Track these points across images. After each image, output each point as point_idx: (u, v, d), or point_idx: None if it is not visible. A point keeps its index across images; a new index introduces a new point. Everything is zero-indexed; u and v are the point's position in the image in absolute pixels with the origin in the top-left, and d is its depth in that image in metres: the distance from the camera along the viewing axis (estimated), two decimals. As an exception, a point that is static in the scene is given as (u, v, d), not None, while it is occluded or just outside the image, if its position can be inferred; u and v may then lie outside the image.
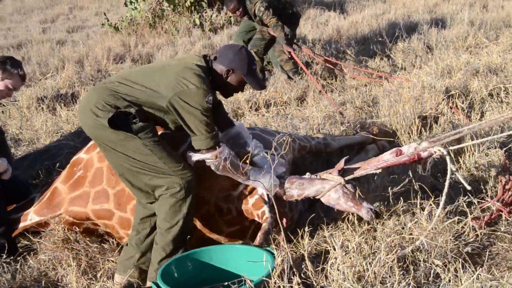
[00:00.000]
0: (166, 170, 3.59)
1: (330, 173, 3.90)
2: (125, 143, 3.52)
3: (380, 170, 3.85)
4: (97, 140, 3.63)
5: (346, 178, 3.81)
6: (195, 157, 3.68)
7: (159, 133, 3.82)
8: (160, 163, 3.58)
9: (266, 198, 3.87)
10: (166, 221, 3.63)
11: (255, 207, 3.90)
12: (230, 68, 3.77)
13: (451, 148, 3.79)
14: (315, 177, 3.96)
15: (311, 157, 5.14)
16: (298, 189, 3.89)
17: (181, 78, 3.54)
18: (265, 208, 3.83)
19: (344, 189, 3.77)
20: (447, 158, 3.68)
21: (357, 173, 3.90)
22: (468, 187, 3.72)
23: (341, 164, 3.89)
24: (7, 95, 4.65)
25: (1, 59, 4.57)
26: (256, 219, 3.89)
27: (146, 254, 3.80)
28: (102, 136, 3.55)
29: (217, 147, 3.64)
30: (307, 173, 4.02)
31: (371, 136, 5.31)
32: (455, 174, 3.78)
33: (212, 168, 3.71)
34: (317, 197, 3.88)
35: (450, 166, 3.67)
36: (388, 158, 3.89)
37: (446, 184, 3.67)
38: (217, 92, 3.96)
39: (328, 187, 3.80)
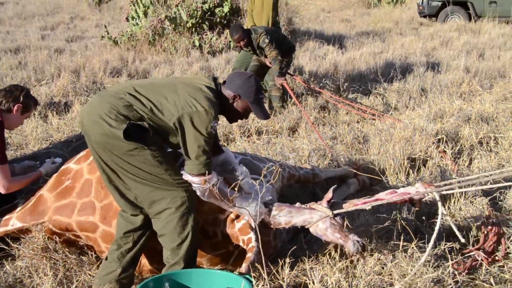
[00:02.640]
0: (171, 182, 3.62)
1: (320, 204, 3.90)
2: (134, 153, 3.51)
3: (370, 206, 3.84)
4: (103, 146, 3.57)
5: (335, 212, 3.81)
6: (184, 177, 3.67)
7: None
8: (166, 175, 3.60)
9: (252, 225, 3.87)
10: (175, 237, 3.65)
11: (241, 232, 3.90)
12: (237, 94, 3.80)
13: (443, 192, 3.80)
14: (305, 206, 3.96)
15: (298, 189, 5.16)
16: (286, 216, 3.90)
17: (191, 99, 3.55)
18: (252, 235, 3.83)
19: (332, 220, 3.78)
20: (439, 204, 3.71)
21: (346, 208, 3.90)
22: (462, 239, 3.77)
23: (329, 194, 3.90)
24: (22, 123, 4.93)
25: (23, 92, 4.72)
26: (241, 244, 3.88)
27: (128, 270, 3.80)
28: (110, 144, 3.52)
29: (207, 173, 3.63)
30: (297, 203, 4.02)
31: (353, 170, 5.36)
32: (449, 221, 3.79)
33: (198, 193, 3.69)
34: (305, 227, 3.89)
35: (441, 210, 3.70)
36: (380, 196, 3.92)
37: (436, 229, 3.67)
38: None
39: (316, 218, 3.81)
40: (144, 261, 4.05)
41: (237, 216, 3.97)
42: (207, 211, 3.93)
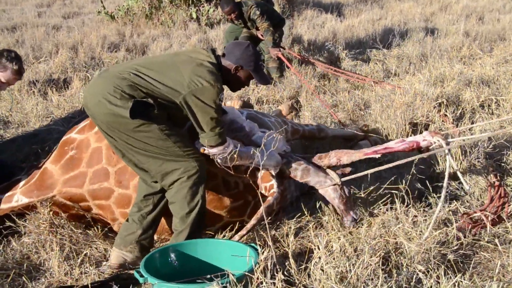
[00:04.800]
0: (181, 153, 3.67)
1: (335, 171, 4.08)
2: (141, 129, 3.56)
3: (379, 155, 4.02)
4: (109, 126, 3.62)
5: (343, 179, 4.01)
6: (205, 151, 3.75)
7: None
8: (176, 147, 3.65)
9: (273, 173, 4.02)
10: (185, 206, 3.71)
11: (263, 180, 4.02)
12: (238, 64, 3.85)
13: (450, 139, 3.94)
14: (320, 169, 4.11)
15: (303, 149, 5.18)
16: (302, 172, 4.06)
17: (196, 76, 3.60)
18: (274, 182, 3.97)
19: (341, 191, 3.98)
20: (446, 152, 3.83)
21: (356, 157, 4.05)
22: (467, 187, 3.96)
23: (347, 169, 4.10)
24: (0, 88, 4.71)
25: None
26: (263, 191, 3.97)
27: (147, 231, 3.87)
28: (117, 123, 3.57)
29: (223, 142, 3.70)
30: (317, 154, 4.20)
31: (361, 133, 5.38)
32: (452, 164, 3.84)
33: (218, 161, 3.78)
34: (316, 187, 4.07)
35: (449, 159, 3.82)
36: (389, 144, 4.01)
37: (445, 177, 3.77)
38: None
39: (329, 184, 4.00)
40: (164, 224, 4.09)
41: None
42: None
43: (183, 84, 3.58)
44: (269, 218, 3.75)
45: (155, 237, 4.08)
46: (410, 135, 5.50)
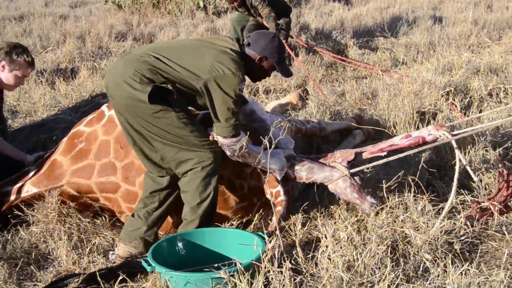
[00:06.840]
0: (197, 143, 3.65)
1: (340, 162, 3.98)
2: (159, 116, 3.54)
3: (385, 153, 3.94)
4: (128, 109, 3.60)
5: (352, 171, 3.90)
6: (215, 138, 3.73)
7: None
8: (192, 137, 3.63)
9: (278, 178, 3.95)
10: (197, 196, 3.70)
11: (270, 185, 3.96)
12: (263, 55, 3.81)
13: (455, 132, 3.90)
14: (325, 163, 4.05)
15: (304, 144, 5.17)
16: (307, 172, 3.98)
17: (218, 63, 3.56)
18: (280, 189, 3.90)
19: (351, 180, 3.87)
20: (454, 144, 3.81)
21: (362, 157, 4.00)
22: (475, 178, 3.93)
23: (351, 156, 3.98)
24: (19, 83, 4.69)
25: (5, 48, 4.50)
26: (269, 197, 3.92)
27: (152, 228, 3.85)
28: (135, 107, 3.55)
29: (236, 135, 3.67)
30: (322, 154, 4.15)
31: (354, 124, 5.36)
32: (460, 157, 3.83)
33: (228, 153, 3.74)
34: (324, 184, 3.97)
35: (457, 154, 3.81)
36: (394, 141, 3.97)
37: (456, 173, 3.77)
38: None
39: (336, 176, 3.90)
40: (170, 221, 4.10)
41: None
42: (233, 164, 3.97)
43: (204, 69, 3.55)
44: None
45: (161, 233, 4.09)
46: (418, 125, 5.50)
